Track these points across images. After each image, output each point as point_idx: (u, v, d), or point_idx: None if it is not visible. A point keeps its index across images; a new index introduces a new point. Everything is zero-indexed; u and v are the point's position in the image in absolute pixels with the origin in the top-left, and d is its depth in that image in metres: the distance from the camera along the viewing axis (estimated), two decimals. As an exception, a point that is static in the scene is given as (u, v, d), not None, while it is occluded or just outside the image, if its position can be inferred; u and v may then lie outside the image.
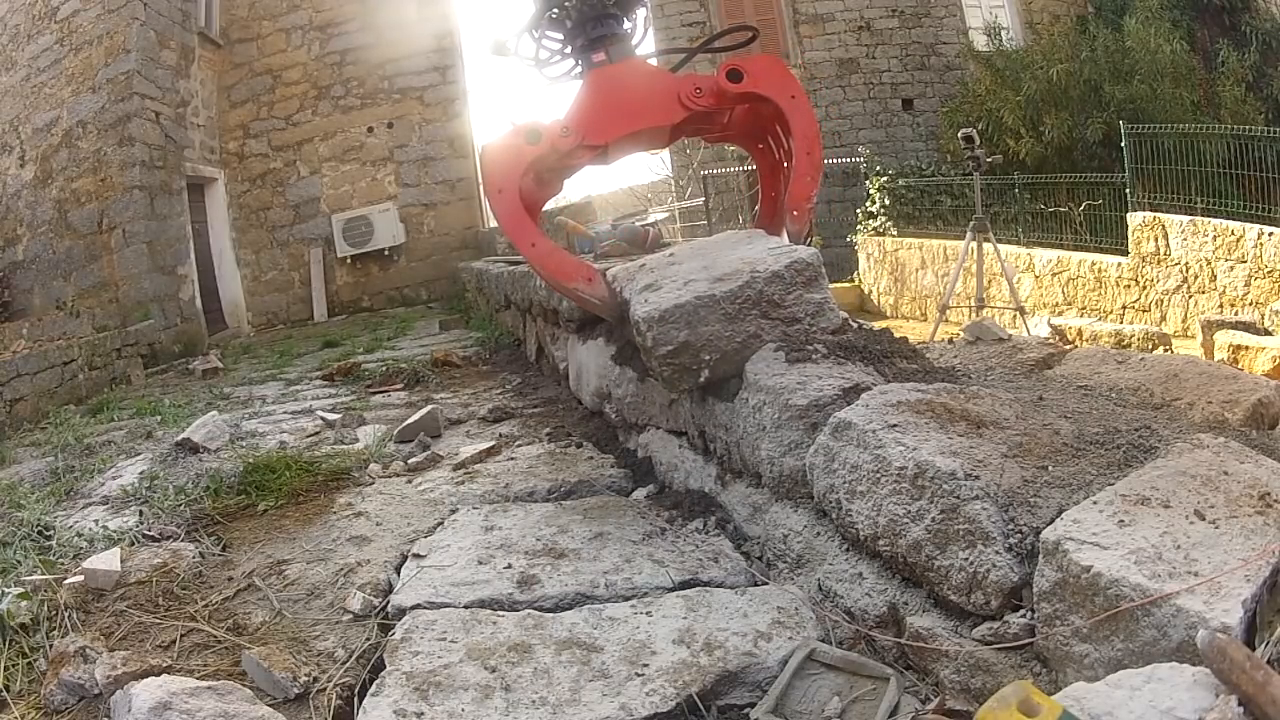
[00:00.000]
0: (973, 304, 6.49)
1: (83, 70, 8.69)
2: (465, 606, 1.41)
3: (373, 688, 1.21)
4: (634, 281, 1.91)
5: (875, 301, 11.06)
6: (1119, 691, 0.77)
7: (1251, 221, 7.35)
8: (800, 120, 2.12)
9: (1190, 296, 7.70)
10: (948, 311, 6.67)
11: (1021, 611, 1.05)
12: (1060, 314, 8.37)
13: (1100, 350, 2.01)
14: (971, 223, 6.28)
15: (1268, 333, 5.74)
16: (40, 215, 8.72)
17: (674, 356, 1.66)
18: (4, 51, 9.28)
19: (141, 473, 2.45)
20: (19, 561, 1.79)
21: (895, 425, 1.28)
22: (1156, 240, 8.03)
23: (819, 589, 1.41)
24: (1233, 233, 7.30)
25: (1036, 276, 9.23)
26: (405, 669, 1.23)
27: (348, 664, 1.34)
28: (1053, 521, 1.02)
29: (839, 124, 14.14)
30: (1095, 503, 1.03)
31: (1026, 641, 1.03)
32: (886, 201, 11.74)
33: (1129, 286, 8.30)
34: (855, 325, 1.84)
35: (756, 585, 1.48)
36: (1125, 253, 8.36)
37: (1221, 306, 7.28)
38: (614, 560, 1.55)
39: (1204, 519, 0.97)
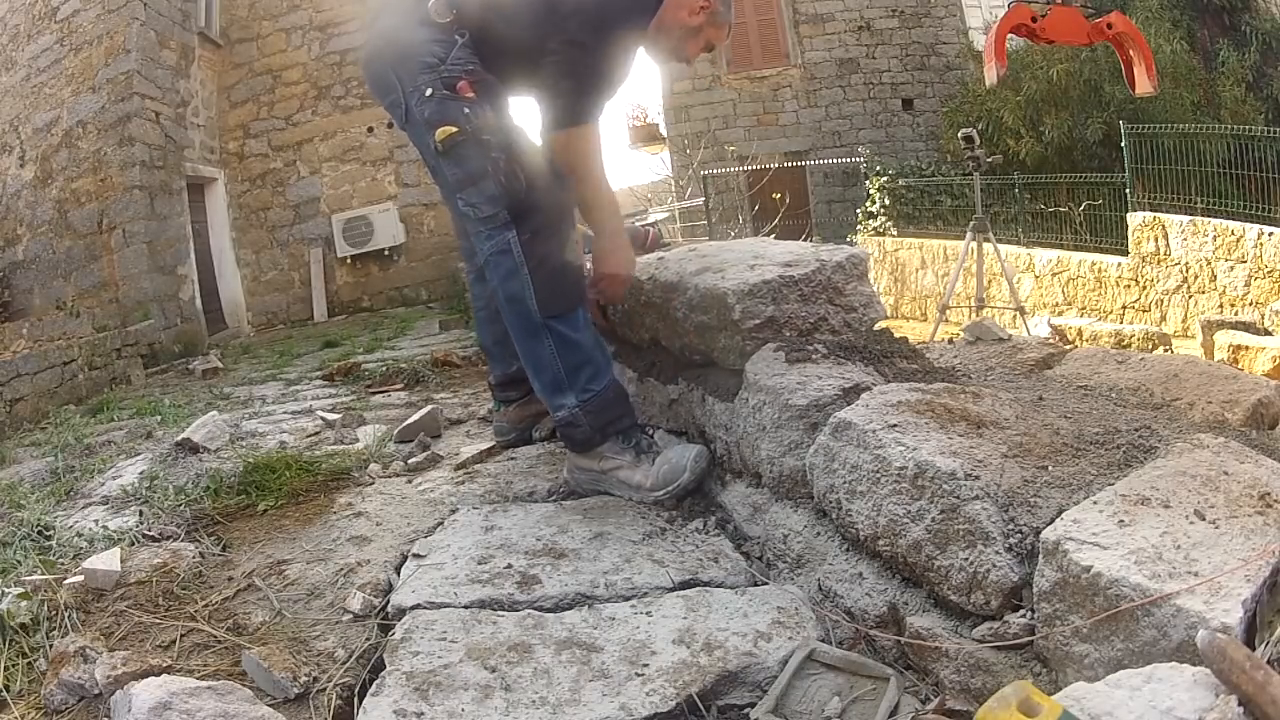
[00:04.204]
0: (973, 304, 6.49)
1: (83, 70, 8.69)
2: (465, 606, 1.41)
3: (373, 688, 1.21)
4: (685, 264, 1.97)
5: (875, 301, 11.06)
6: (1119, 691, 0.77)
7: (1251, 221, 7.35)
8: None
9: (1190, 296, 7.70)
10: (948, 311, 6.67)
11: (1021, 611, 1.05)
12: (1060, 314, 8.37)
13: (1100, 350, 2.01)
14: (971, 223, 6.28)
15: (1268, 333, 5.75)
16: (40, 215, 8.73)
17: (759, 331, 1.72)
18: (4, 51, 9.28)
19: (141, 473, 2.45)
20: (19, 561, 1.79)
21: (895, 425, 1.28)
22: (1156, 240, 8.03)
23: (819, 589, 1.41)
24: (1233, 233, 7.30)
25: (1036, 276, 9.23)
26: (405, 669, 1.23)
27: (348, 664, 1.34)
28: (1053, 521, 1.02)
29: (839, 124, 14.15)
30: (1095, 503, 1.03)
31: (1026, 641, 1.02)
32: (886, 201, 11.74)
33: (1129, 286, 8.30)
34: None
35: (756, 585, 1.48)
36: (1125, 253, 8.36)
37: (1221, 306, 7.28)
38: (614, 560, 1.55)
39: (1204, 519, 0.97)
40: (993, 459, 1.16)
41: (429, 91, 1.77)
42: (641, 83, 19.78)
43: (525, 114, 2.12)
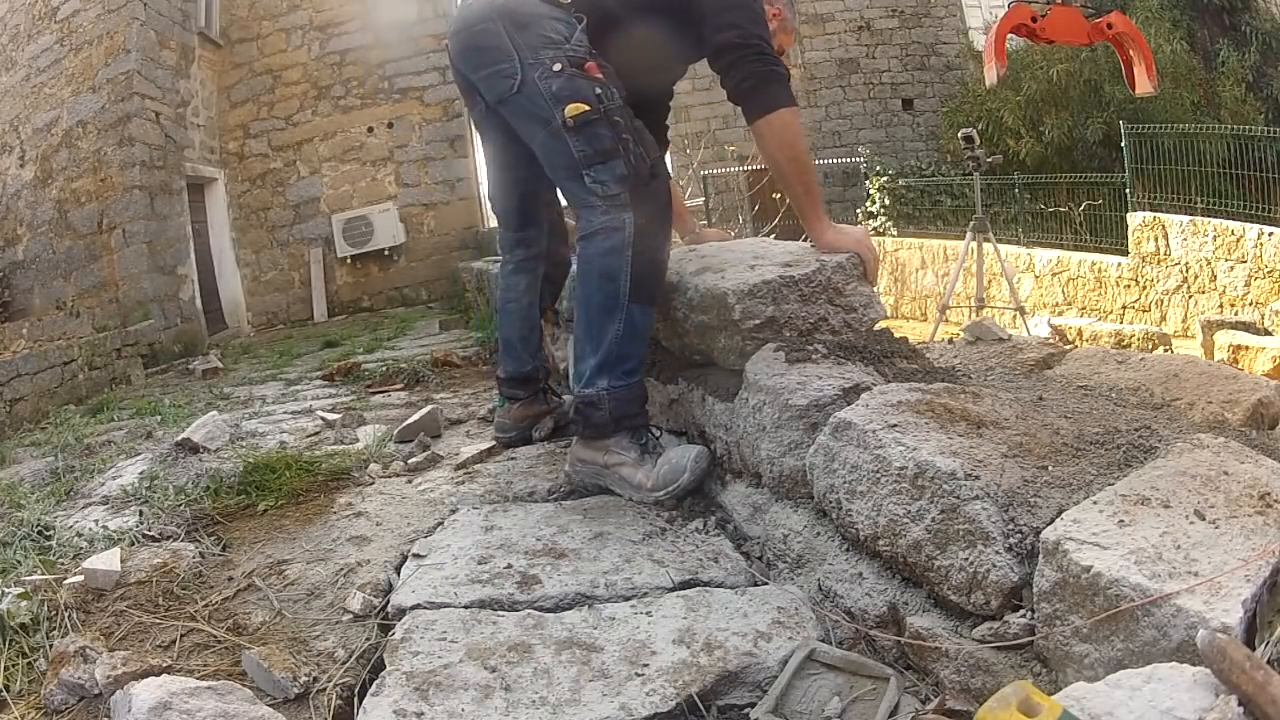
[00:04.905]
0: (973, 304, 6.49)
1: (83, 70, 8.68)
2: (465, 606, 1.41)
3: (373, 688, 1.21)
4: (684, 264, 1.98)
5: (875, 301, 11.07)
6: (1119, 691, 0.77)
7: (1251, 221, 7.35)
8: None
9: (1190, 296, 7.70)
10: (948, 311, 6.67)
11: (1021, 611, 1.05)
12: (1060, 314, 8.37)
13: (1100, 350, 2.01)
14: (971, 223, 6.28)
15: (1268, 333, 5.75)
16: (40, 215, 8.72)
17: (759, 331, 1.73)
18: (4, 51, 9.27)
19: (141, 473, 2.45)
20: (19, 561, 1.79)
21: (895, 425, 1.28)
22: (1156, 240, 8.03)
23: (819, 589, 1.41)
24: (1233, 233, 7.30)
25: (1036, 276, 9.23)
26: (405, 669, 1.23)
27: (348, 664, 1.34)
28: (1053, 521, 1.02)
29: (839, 124, 14.14)
30: (1095, 503, 1.03)
31: (1026, 641, 1.03)
32: (886, 201, 11.74)
33: (1129, 286, 8.30)
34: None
35: (756, 585, 1.48)
36: (1125, 253, 8.36)
37: (1221, 306, 7.28)
38: (614, 560, 1.55)
39: (1204, 519, 0.97)
40: (993, 459, 1.16)
41: (557, 67, 1.76)
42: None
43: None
